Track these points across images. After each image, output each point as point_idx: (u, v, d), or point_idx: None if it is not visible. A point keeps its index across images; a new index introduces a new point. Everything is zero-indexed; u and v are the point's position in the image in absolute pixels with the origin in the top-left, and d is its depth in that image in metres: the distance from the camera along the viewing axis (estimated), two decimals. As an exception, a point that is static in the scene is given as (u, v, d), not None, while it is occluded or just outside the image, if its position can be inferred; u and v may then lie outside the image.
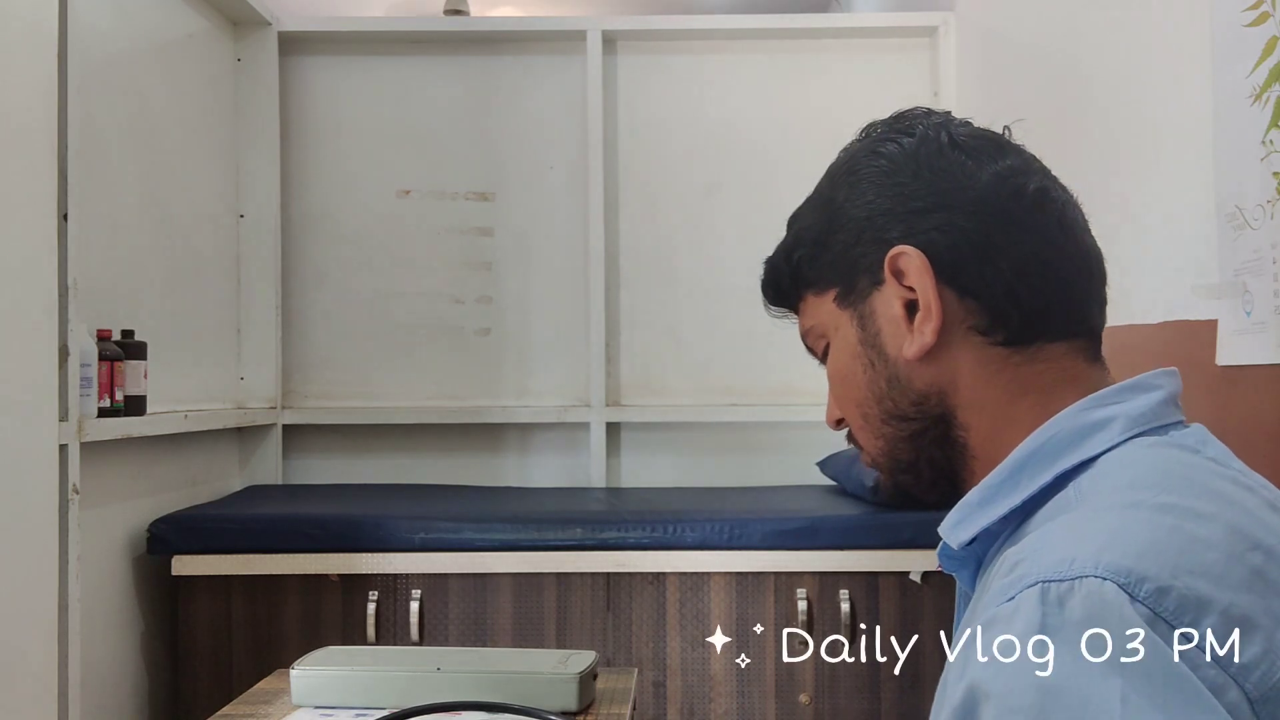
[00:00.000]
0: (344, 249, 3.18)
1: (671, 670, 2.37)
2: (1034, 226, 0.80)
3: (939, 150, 0.83)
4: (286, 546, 2.38)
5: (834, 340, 0.87)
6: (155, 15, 2.63)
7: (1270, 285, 1.49)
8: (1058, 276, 0.80)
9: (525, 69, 3.20)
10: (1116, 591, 0.59)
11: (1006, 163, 0.83)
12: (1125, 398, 0.76)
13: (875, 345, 0.83)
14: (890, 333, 0.82)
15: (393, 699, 1.22)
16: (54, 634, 1.92)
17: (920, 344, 0.79)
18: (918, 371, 0.81)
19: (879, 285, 0.82)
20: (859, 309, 0.84)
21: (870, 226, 0.83)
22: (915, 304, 0.80)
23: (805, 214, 0.90)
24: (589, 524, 2.41)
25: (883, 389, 0.83)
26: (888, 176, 0.83)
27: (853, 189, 0.85)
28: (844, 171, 0.87)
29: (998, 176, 0.81)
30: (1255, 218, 1.53)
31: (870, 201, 0.83)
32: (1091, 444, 0.74)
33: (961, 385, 0.80)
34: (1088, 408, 0.76)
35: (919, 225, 0.80)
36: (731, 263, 3.09)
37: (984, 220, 0.80)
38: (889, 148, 0.85)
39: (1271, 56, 1.48)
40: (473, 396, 3.16)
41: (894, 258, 0.80)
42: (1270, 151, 1.48)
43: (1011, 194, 0.81)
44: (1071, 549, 0.62)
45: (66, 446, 1.97)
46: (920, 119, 0.86)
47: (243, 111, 3.07)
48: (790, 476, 3.05)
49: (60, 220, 1.97)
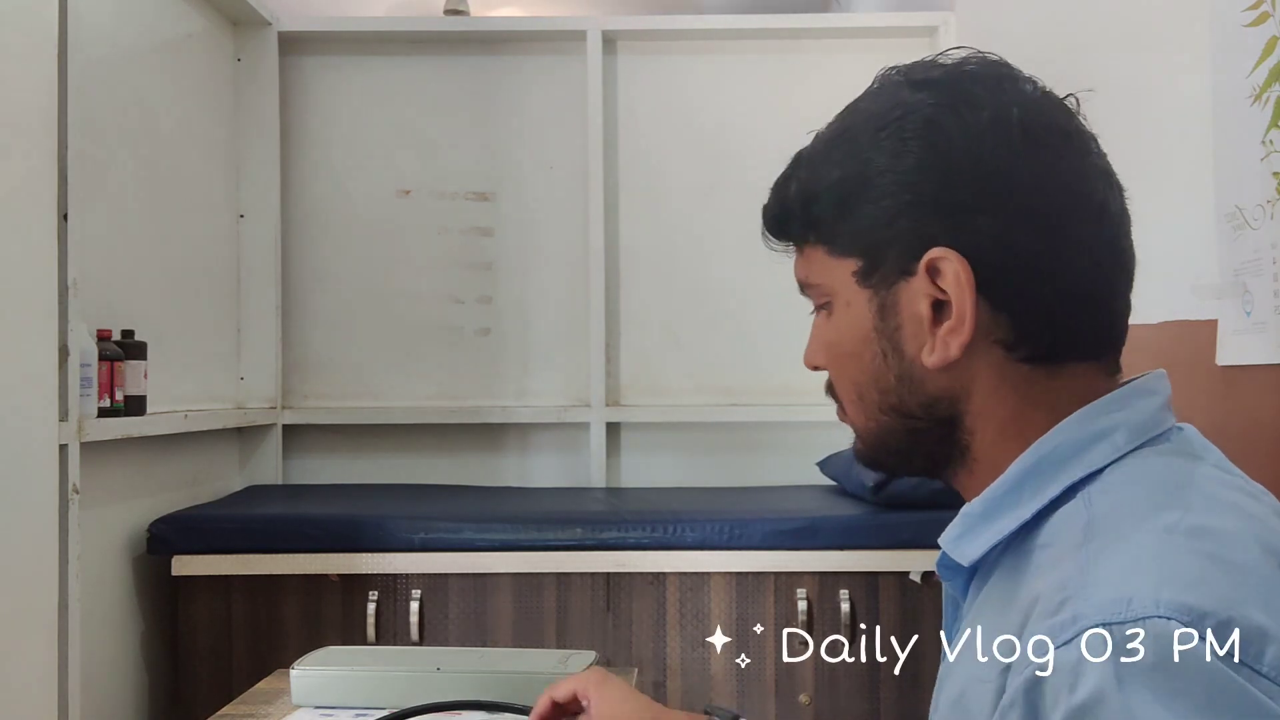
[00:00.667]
0: (344, 249, 3.17)
1: (671, 670, 2.37)
2: (1088, 246, 0.75)
3: (1008, 141, 0.73)
4: (286, 546, 2.38)
5: (839, 309, 0.80)
6: (155, 15, 2.63)
7: (1270, 285, 1.49)
8: (1099, 300, 0.76)
9: (525, 69, 3.19)
10: (1184, 632, 0.57)
11: (1074, 164, 0.76)
12: (1125, 405, 0.74)
13: (892, 340, 0.77)
14: (912, 331, 0.76)
15: (393, 699, 1.22)
16: (54, 634, 1.92)
17: (944, 356, 0.75)
18: (932, 377, 0.76)
19: (908, 277, 0.75)
20: (881, 296, 0.77)
21: (911, 211, 0.75)
22: (943, 305, 0.74)
23: (830, 157, 0.80)
24: (589, 524, 2.41)
25: (890, 383, 0.78)
26: (943, 157, 0.74)
27: (897, 157, 0.75)
28: (890, 128, 0.76)
29: (1064, 185, 0.74)
30: (1255, 218, 1.53)
31: (915, 182, 0.74)
32: (1096, 455, 0.72)
33: (975, 395, 0.76)
34: (1090, 416, 0.73)
35: (968, 226, 0.73)
36: (731, 263, 3.09)
37: (1040, 235, 0.73)
38: (950, 121, 0.74)
39: (1271, 56, 1.48)
40: (473, 396, 3.16)
41: (934, 260, 0.74)
42: (1270, 151, 1.48)
43: (1073, 207, 0.74)
44: (1124, 587, 0.60)
45: (66, 446, 1.97)
46: (991, 88, 0.76)
47: (243, 111, 3.07)
48: (790, 476, 3.05)
49: (60, 220, 1.97)
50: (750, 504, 2.61)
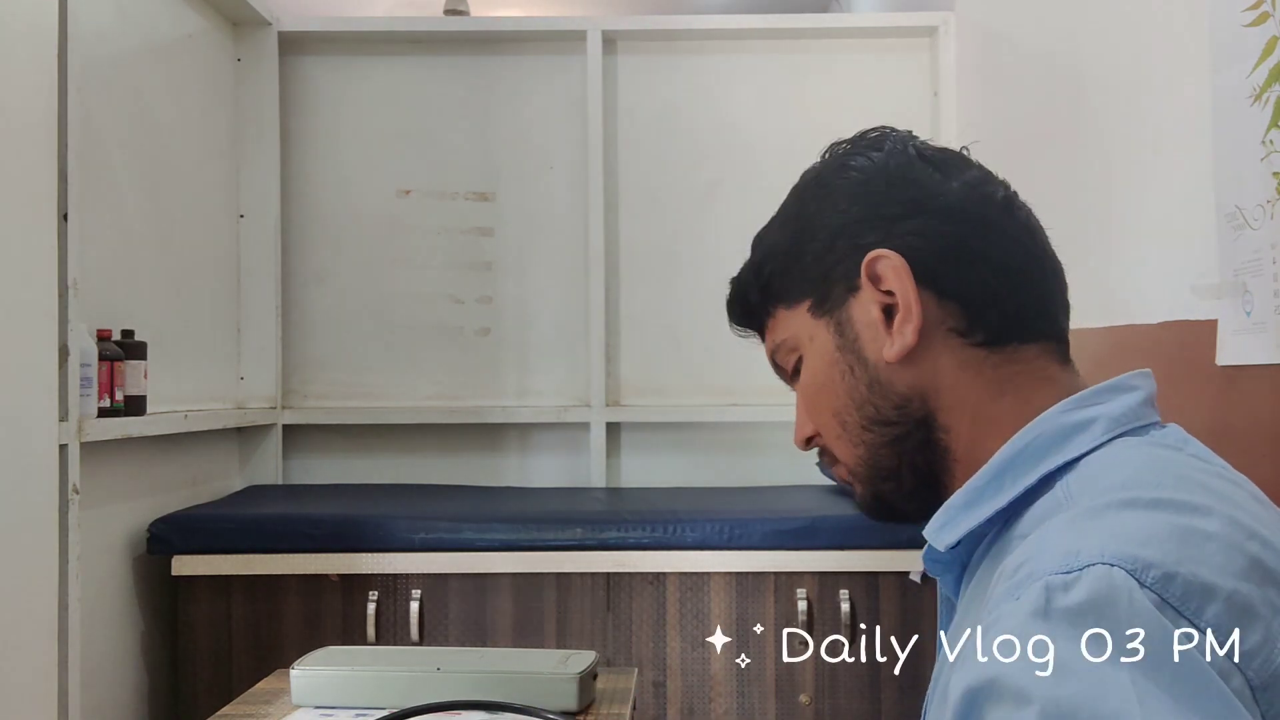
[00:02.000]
0: (344, 249, 3.17)
1: (671, 670, 2.37)
2: (1007, 231, 0.82)
3: (908, 162, 0.84)
4: (286, 546, 2.38)
5: (808, 352, 0.87)
6: (155, 15, 2.63)
7: (1270, 285, 1.49)
8: (1030, 279, 0.82)
9: (525, 69, 3.20)
10: (1125, 576, 0.58)
11: (973, 173, 0.85)
12: (1105, 398, 0.77)
13: (854, 350, 0.83)
14: (869, 337, 0.82)
15: (393, 699, 1.22)
16: (54, 634, 1.92)
17: (901, 345, 0.80)
18: (898, 374, 0.81)
19: (855, 292, 0.83)
20: (835, 316, 0.84)
21: (844, 234, 0.84)
22: (893, 308, 0.81)
23: (772, 231, 0.91)
24: (589, 524, 2.41)
25: (863, 394, 0.83)
26: (860, 186, 0.84)
27: (823, 200, 0.86)
28: (813, 185, 0.88)
29: (967, 185, 0.83)
30: (1255, 218, 1.53)
31: (843, 210, 0.84)
32: (1075, 444, 0.74)
33: (942, 386, 0.80)
34: (1069, 408, 0.76)
35: (895, 230, 0.81)
36: (732, 263, 3.04)
37: (959, 225, 0.81)
38: (858, 161, 0.86)
39: (1271, 56, 1.48)
40: (473, 396, 3.16)
41: (871, 262, 0.81)
42: (1270, 151, 1.48)
43: (982, 200, 0.83)
44: (1075, 544, 0.61)
45: (66, 446, 1.97)
46: (885, 136, 0.88)
47: (243, 111, 3.07)
48: (790, 476, 3.05)
49: (60, 220, 1.97)
50: (750, 504, 2.61)
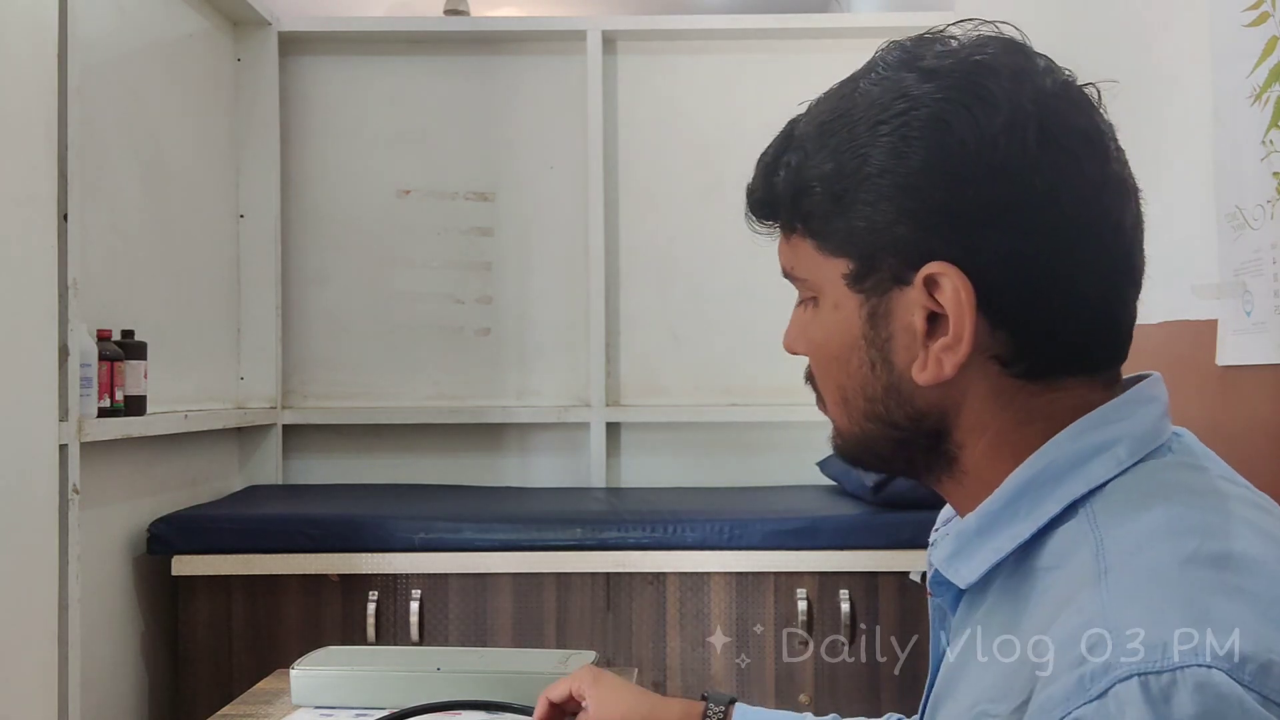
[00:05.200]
0: (344, 249, 3.17)
1: (671, 670, 2.37)
2: (1099, 263, 0.70)
3: (1023, 148, 0.67)
4: (286, 546, 2.38)
5: (825, 309, 0.75)
6: (155, 15, 2.63)
7: (1270, 285, 1.49)
8: (1108, 315, 0.71)
9: (525, 69, 3.19)
10: (1226, 681, 0.54)
11: (1092, 173, 0.69)
12: (1125, 414, 0.70)
13: (882, 349, 0.72)
14: (903, 343, 0.71)
15: (393, 699, 1.22)
16: (54, 634, 1.92)
17: (936, 374, 0.70)
18: (922, 392, 0.72)
19: (902, 286, 0.70)
20: (872, 303, 0.72)
21: (912, 218, 0.69)
22: (938, 318, 0.70)
23: (824, 144, 0.74)
24: (589, 524, 2.41)
25: (877, 393, 0.74)
26: (950, 161, 0.68)
27: (899, 157, 0.69)
28: (893, 122, 0.70)
29: (1080, 198, 0.68)
30: (1255, 218, 1.53)
31: (918, 187, 0.68)
32: (1097, 469, 0.68)
33: (966, 410, 0.72)
34: (1088, 428, 0.69)
35: (973, 240, 0.68)
36: (731, 263, 3.09)
37: (1051, 252, 0.68)
38: (961, 120, 0.68)
39: (1271, 56, 1.48)
40: (473, 396, 3.16)
41: (934, 274, 0.69)
42: (1270, 151, 1.48)
43: (1087, 222, 0.69)
44: (1155, 630, 0.56)
45: (66, 446, 1.97)
46: (1007, 83, 0.69)
47: (243, 111, 3.07)
48: (790, 476, 3.05)
49: (60, 220, 1.97)
50: (750, 504, 2.61)
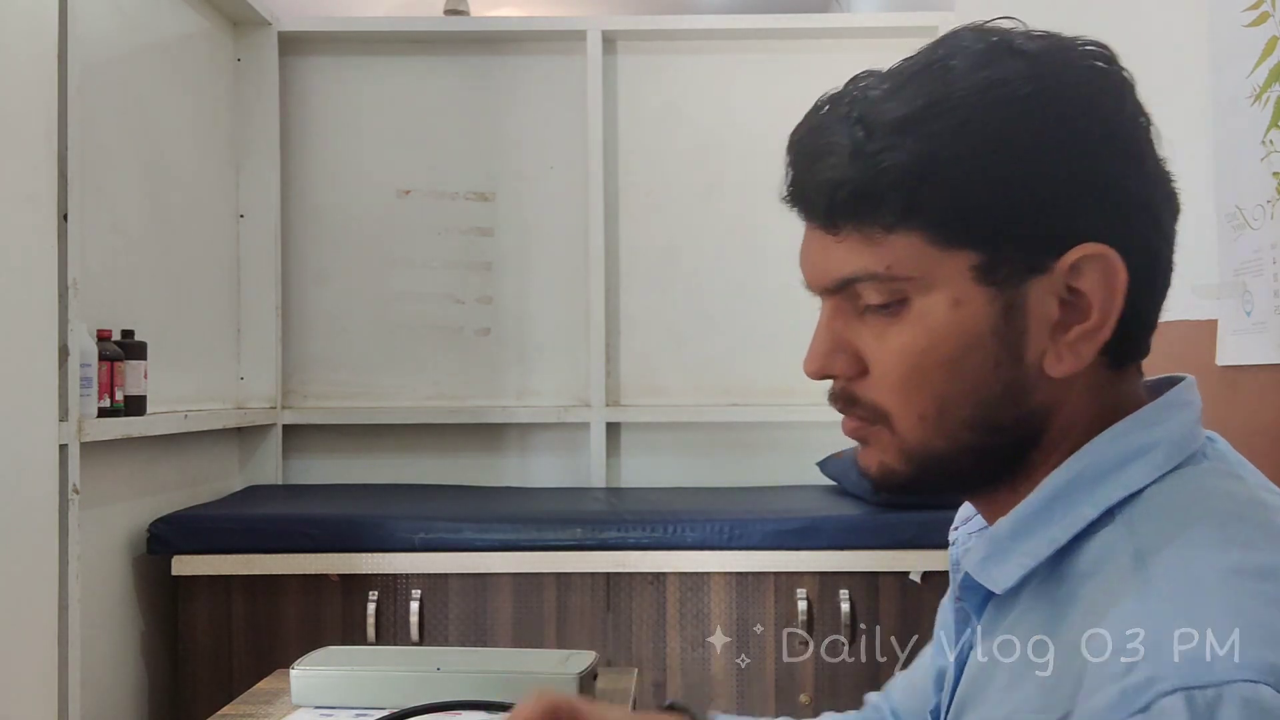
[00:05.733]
0: (344, 249, 3.17)
1: (671, 670, 2.37)
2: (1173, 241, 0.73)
3: (1147, 133, 0.69)
4: (286, 546, 2.38)
5: (930, 307, 0.67)
6: (155, 15, 2.63)
7: (1270, 285, 1.49)
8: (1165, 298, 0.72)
9: (525, 69, 3.19)
10: (1273, 695, 0.54)
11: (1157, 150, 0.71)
12: (1163, 418, 0.68)
13: (1013, 345, 0.67)
14: (1036, 335, 0.67)
15: (393, 699, 1.22)
16: (54, 634, 1.92)
17: (1073, 363, 0.67)
18: (1044, 388, 0.68)
19: (1039, 274, 0.66)
20: (1007, 295, 0.67)
21: (1057, 201, 0.66)
22: (1071, 306, 0.67)
23: (940, 125, 0.66)
24: (589, 524, 2.41)
25: (992, 395, 0.68)
26: (1093, 140, 0.66)
27: (1038, 137, 0.66)
28: (1024, 101, 0.66)
29: (1163, 175, 0.71)
30: (1255, 218, 1.53)
31: (1063, 168, 0.66)
32: (1134, 474, 0.66)
33: (1067, 407, 0.69)
34: (1125, 431, 0.68)
35: (1120, 222, 0.67)
36: (731, 263, 3.09)
37: (1155, 230, 0.70)
38: (1103, 100, 0.68)
39: (1271, 56, 1.48)
40: (473, 396, 3.16)
41: (1087, 256, 0.66)
42: (1270, 151, 1.49)
43: (1166, 198, 0.71)
44: (1201, 642, 0.55)
45: (66, 446, 1.97)
46: (1116, 65, 0.70)
47: (243, 111, 3.07)
48: (790, 476, 3.05)
49: (60, 220, 1.97)
50: (750, 504, 2.61)
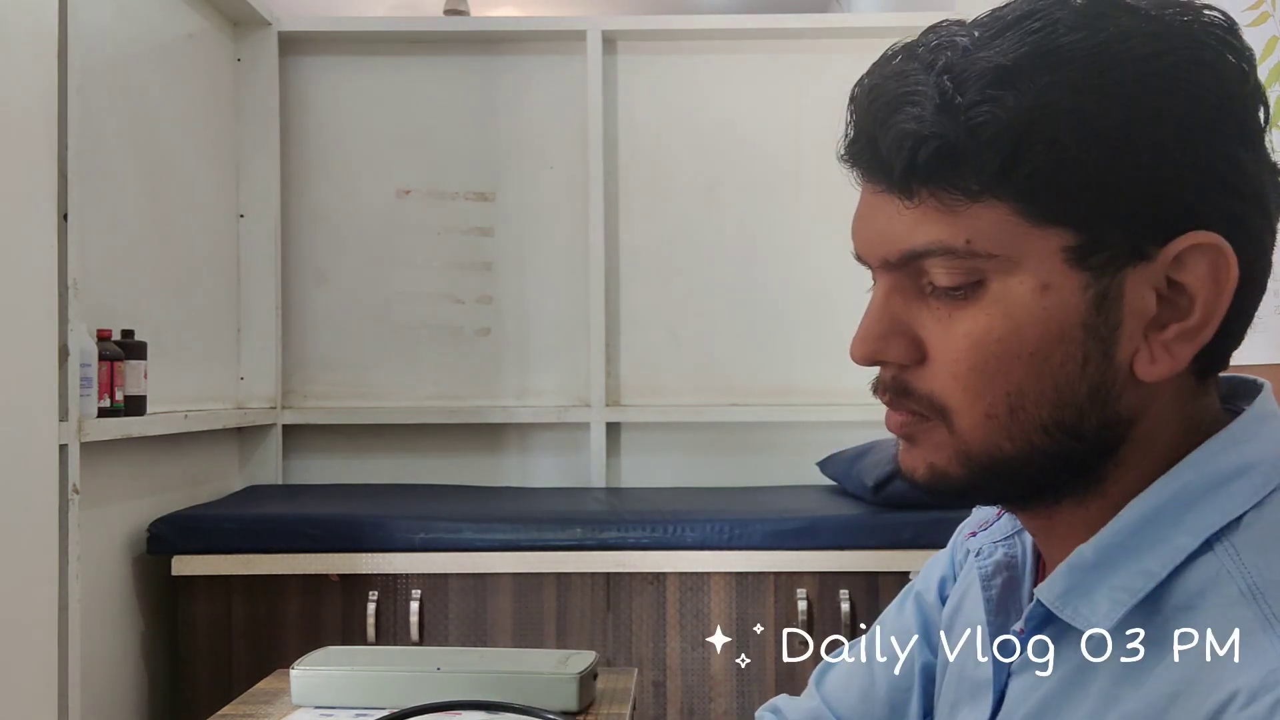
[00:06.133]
0: (344, 249, 3.18)
1: (671, 670, 2.37)
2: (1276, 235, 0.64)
3: (1262, 113, 0.61)
4: (286, 546, 2.38)
5: (1013, 291, 0.60)
6: (155, 15, 2.63)
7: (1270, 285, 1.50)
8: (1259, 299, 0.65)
9: (525, 69, 3.20)
10: None
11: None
12: (1253, 433, 0.62)
13: (1105, 339, 0.60)
14: (1129, 332, 0.60)
15: (393, 699, 1.22)
16: (54, 634, 1.92)
17: (1169, 366, 0.60)
18: (1132, 392, 0.61)
19: (1140, 261, 0.59)
20: (1103, 283, 0.59)
21: (1175, 179, 0.58)
22: (1170, 302, 0.60)
23: (1048, 82, 0.57)
24: (589, 524, 2.41)
25: (1078, 396, 0.60)
26: (1219, 115, 0.59)
27: (1163, 105, 0.57)
28: (1151, 61, 0.58)
29: (1274, 164, 0.63)
30: (1255, 218, 1.53)
31: (1186, 143, 0.58)
32: (1234, 499, 0.60)
33: (1151, 416, 0.62)
34: (1218, 450, 0.61)
35: (1237, 210, 0.59)
36: (731, 263, 3.09)
37: (1273, 232, 0.63)
38: (1230, 72, 0.60)
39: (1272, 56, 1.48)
40: (473, 396, 3.16)
41: (1197, 244, 0.58)
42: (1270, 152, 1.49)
43: (1278, 188, 0.63)
44: None
45: (66, 446, 1.97)
46: (1240, 37, 0.62)
47: (243, 111, 3.07)
48: (790, 476, 3.05)
49: (60, 220, 1.97)
50: (750, 504, 2.61)
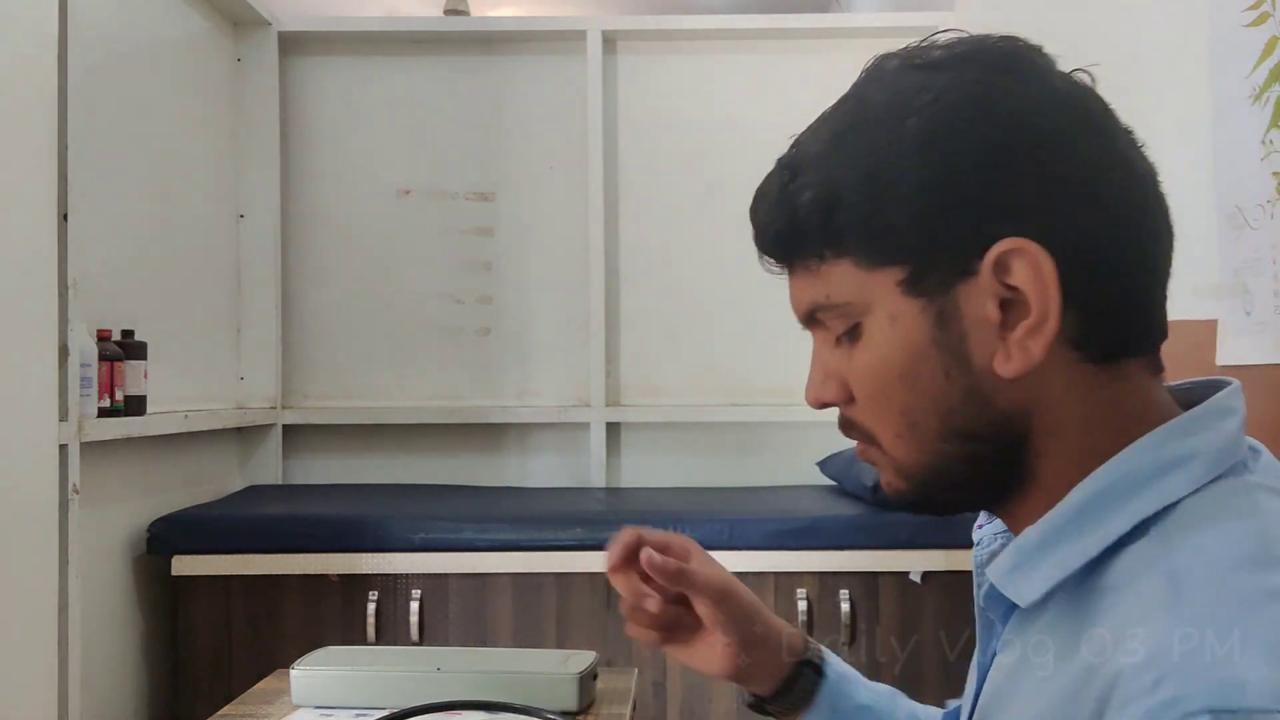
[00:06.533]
0: (344, 249, 3.18)
1: (671, 670, 2.37)
2: (1149, 226, 0.69)
3: (1064, 121, 0.67)
4: (286, 546, 2.38)
5: (877, 328, 0.69)
6: (155, 15, 2.63)
7: (1270, 285, 1.50)
8: (1159, 285, 0.70)
9: (525, 69, 3.20)
10: None
11: (1130, 139, 0.69)
12: (1204, 427, 0.67)
13: (957, 351, 0.67)
14: (979, 339, 0.67)
15: (393, 699, 1.22)
16: (54, 634, 1.92)
17: (1025, 361, 0.66)
18: (1005, 389, 0.67)
19: (968, 277, 0.66)
20: (938, 303, 0.67)
21: (967, 202, 0.66)
22: (1013, 305, 0.66)
23: (847, 155, 0.69)
24: (589, 524, 2.41)
25: (954, 403, 0.68)
26: (998, 135, 0.66)
27: (938, 144, 0.66)
28: (921, 112, 0.67)
29: (1123, 160, 0.68)
30: (1255, 218, 1.53)
31: (970, 169, 0.66)
32: (1171, 486, 0.64)
33: (1048, 406, 0.67)
34: (1164, 439, 0.66)
35: (1039, 214, 0.65)
36: (731, 263, 3.09)
37: (1108, 217, 0.67)
38: (1000, 95, 0.67)
39: (1271, 56, 1.48)
40: (473, 396, 3.16)
41: (1006, 252, 0.65)
42: (1270, 151, 1.49)
43: (1133, 184, 0.68)
44: (1233, 666, 0.53)
45: (66, 446, 1.97)
46: (1037, 60, 0.69)
47: (243, 111, 3.07)
48: (790, 476, 3.05)
49: (60, 220, 1.97)
50: (750, 504, 2.61)
